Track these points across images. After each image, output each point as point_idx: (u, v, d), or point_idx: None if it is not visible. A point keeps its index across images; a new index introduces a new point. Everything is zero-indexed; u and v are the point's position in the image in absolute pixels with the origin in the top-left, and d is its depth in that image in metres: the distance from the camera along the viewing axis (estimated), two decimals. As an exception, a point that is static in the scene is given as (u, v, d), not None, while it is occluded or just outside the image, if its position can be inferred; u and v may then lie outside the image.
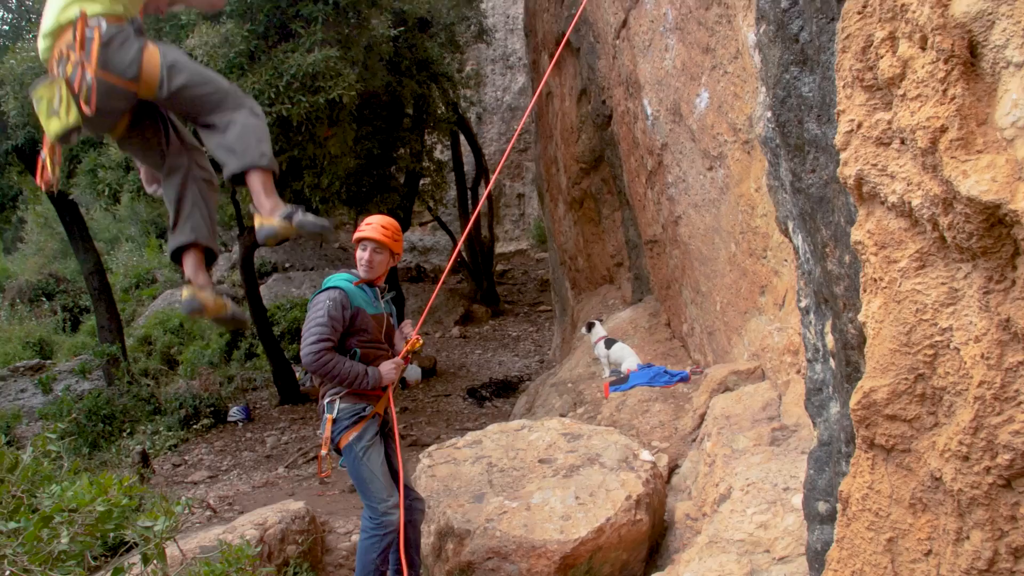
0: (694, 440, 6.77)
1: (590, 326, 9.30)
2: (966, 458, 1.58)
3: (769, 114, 3.29)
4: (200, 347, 16.94)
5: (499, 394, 13.39)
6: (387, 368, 4.77)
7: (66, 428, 9.20)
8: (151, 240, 24.35)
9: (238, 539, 4.96)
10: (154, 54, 3.49)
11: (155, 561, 2.33)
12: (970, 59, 1.51)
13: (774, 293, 6.34)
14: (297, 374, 14.24)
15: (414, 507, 4.90)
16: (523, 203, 26.05)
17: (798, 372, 5.83)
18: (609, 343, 8.87)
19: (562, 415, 8.44)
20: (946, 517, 1.66)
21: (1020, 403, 1.48)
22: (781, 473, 4.64)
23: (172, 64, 3.53)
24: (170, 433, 11.93)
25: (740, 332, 7.15)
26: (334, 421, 4.68)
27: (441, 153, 16.95)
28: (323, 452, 4.71)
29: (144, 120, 3.76)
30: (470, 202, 19.99)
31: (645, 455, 5.82)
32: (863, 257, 1.86)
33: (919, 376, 1.71)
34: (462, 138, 19.13)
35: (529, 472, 5.72)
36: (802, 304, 3.34)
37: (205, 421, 12.38)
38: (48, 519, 2.31)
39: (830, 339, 2.77)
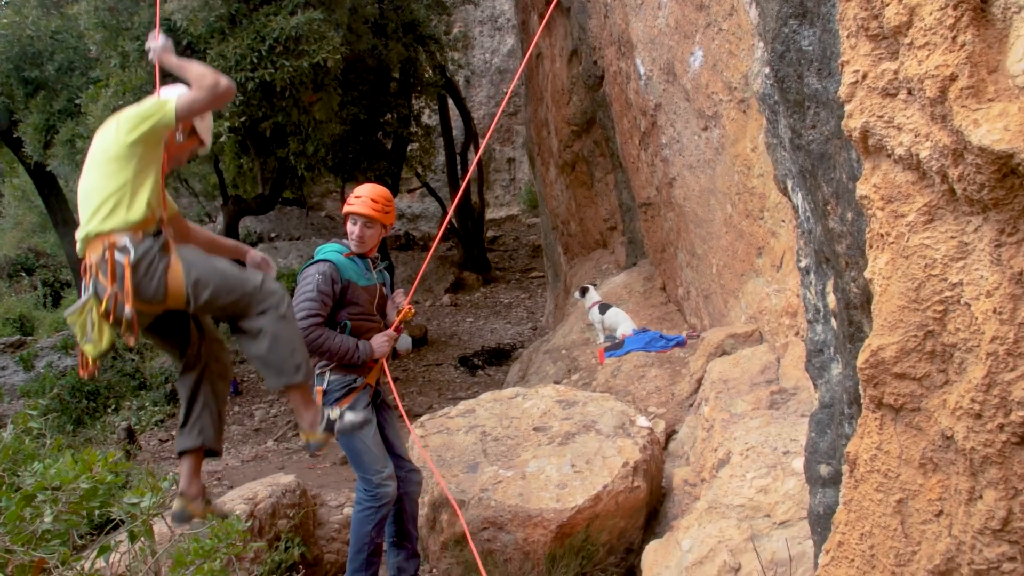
0: (691, 405, 6.69)
1: (584, 291, 9.18)
2: (979, 416, 1.51)
3: (767, 70, 3.15)
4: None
5: (491, 362, 13.30)
6: (378, 342, 4.67)
7: (48, 404, 9.08)
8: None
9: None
10: (178, 273, 3.58)
11: (142, 538, 2.24)
12: (980, 4, 1.43)
13: (771, 255, 6.23)
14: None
15: (411, 479, 4.81)
16: (513, 168, 25.84)
17: (797, 334, 5.74)
18: (603, 308, 8.77)
19: (556, 382, 8.35)
20: (958, 477, 1.60)
21: (1034, 359, 1.42)
22: (781, 437, 4.56)
23: (196, 280, 3.60)
24: (156, 408, 11.78)
25: (737, 295, 7.06)
26: (324, 392, 4.58)
27: (429, 118, 16.72)
28: None
29: (167, 316, 3.80)
30: (459, 167, 19.79)
31: (642, 421, 5.74)
32: (869, 212, 1.77)
33: (929, 333, 1.64)
34: (450, 102, 18.89)
35: (524, 440, 5.64)
36: (802, 264, 3.23)
37: (193, 395, 12.26)
38: (31, 497, 2.22)
39: (832, 299, 2.67)
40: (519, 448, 5.56)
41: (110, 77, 9.05)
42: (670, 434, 6.49)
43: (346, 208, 4.68)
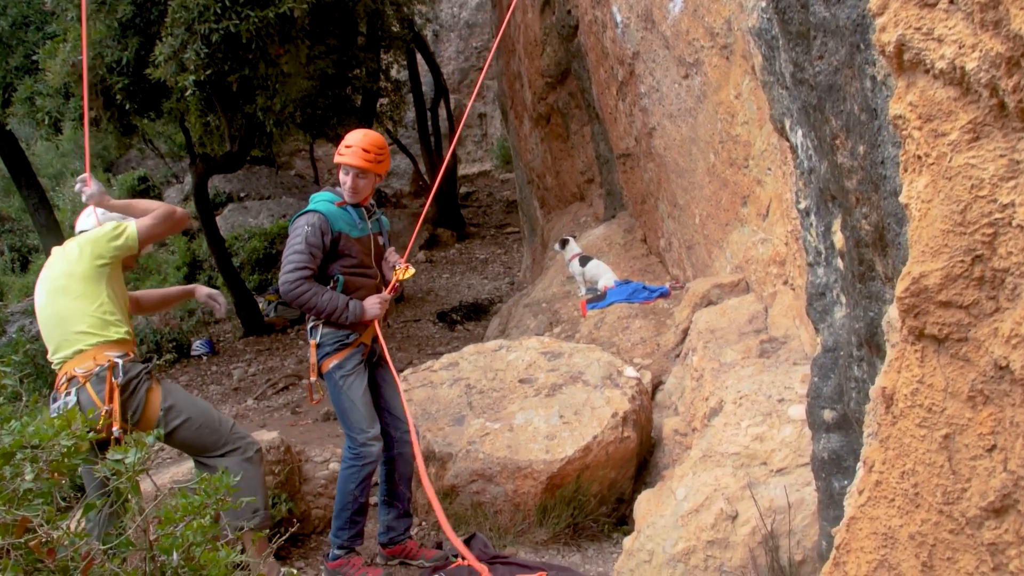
0: (677, 356, 6.66)
1: (564, 243, 9.08)
2: None
3: (764, 3, 3.05)
4: (157, 281, 16.53)
5: (470, 317, 13.22)
6: (371, 303, 4.54)
7: (22, 367, 8.90)
8: (98, 174, 23.53)
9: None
10: (156, 398, 3.88)
11: (129, 495, 2.15)
12: None
13: (757, 203, 6.16)
14: (261, 305, 13.95)
15: (405, 440, 4.71)
16: (485, 123, 25.57)
17: (785, 283, 5.70)
18: (584, 260, 8.69)
19: (538, 335, 8.30)
20: (1013, 409, 1.52)
21: (1099, 280, 1.34)
22: (775, 385, 4.53)
23: (171, 407, 3.89)
24: (133, 369, 11.62)
25: (721, 245, 7.00)
26: (318, 346, 4.50)
27: (398, 73, 16.43)
28: (312, 379, 4.56)
29: None
30: (429, 123, 19.51)
31: (630, 371, 5.70)
32: (904, 133, 1.67)
33: (977, 258, 1.55)
34: (419, 57, 18.57)
35: (510, 393, 5.59)
36: (801, 206, 3.16)
37: (168, 356, 12.07)
38: (9, 456, 2.11)
39: (838, 238, 2.60)
40: (505, 400, 5.51)
41: (67, 32, 8.78)
42: (656, 385, 6.46)
43: (337, 158, 4.54)
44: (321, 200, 4.55)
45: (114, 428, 3.61)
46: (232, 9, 7.11)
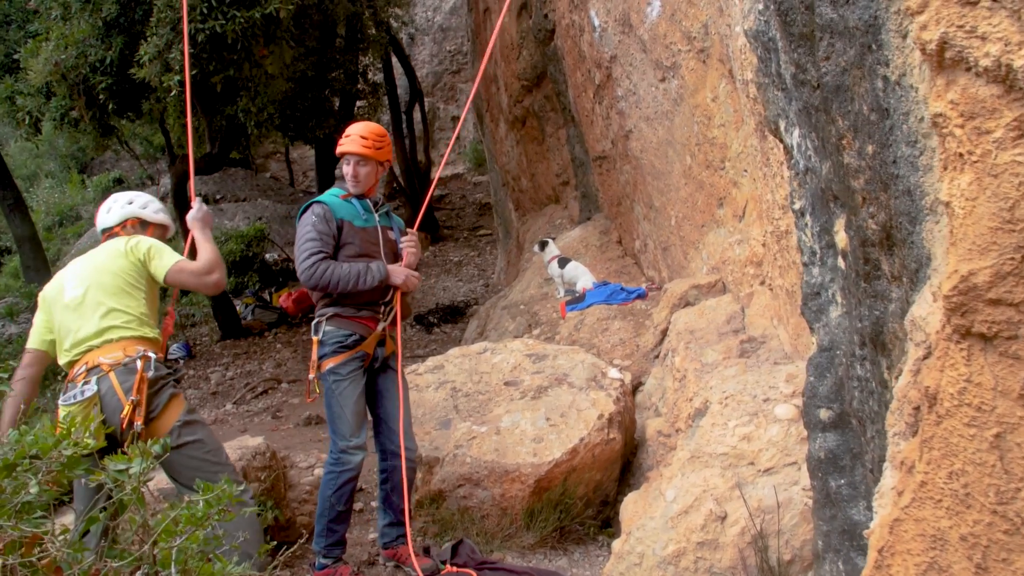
0: (656, 356, 6.70)
1: (543, 245, 9.10)
2: None
3: (761, 5, 3.09)
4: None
5: (447, 320, 13.21)
6: (396, 268, 4.53)
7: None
8: (73, 175, 23.21)
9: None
10: (177, 406, 3.76)
11: (134, 506, 2.11)
12: None
13: (733, 205, 6.21)
14: (238, 308, 13.84)
15: (398, 452, 4.65)
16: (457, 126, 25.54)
17: (762, 283, 5.75)
18: (563, 262, 8.71)
19: (517, 337, 8.30)
20: None
21: None
22: (759, 384, 4.56)
23: (188, 421, 3.78)
24: (110, 374, 11.47)
25: (697, 246, 7.05)
26: (320, 343, 4.47)
27: (374, 75, 16.40)
28: (311, 376, 4.50)
29: None
30: (404, 125, 19.47)
31: (613, 373, 5.73)
32: (944, 131, 1.68)
33: None
34: (394, 60, 18.52)
35: (495, 395, 5.59)
36: (796, 206, 3.19)
37: (144, 360, 11.96)
38: (11, 467, 2.07)
39: (841, 237, 2.62)
40: (491, 403, 5.51)
41: (50, 30, 8.67)
42: (636, 386, 6.49)
43: (339, 148, 4.57)
44: (326, 194, 4.61)
45: (136, 423, 3.54)
46: (218, 9, 7.07)
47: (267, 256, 17.28)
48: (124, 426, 3.53)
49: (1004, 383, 1.67)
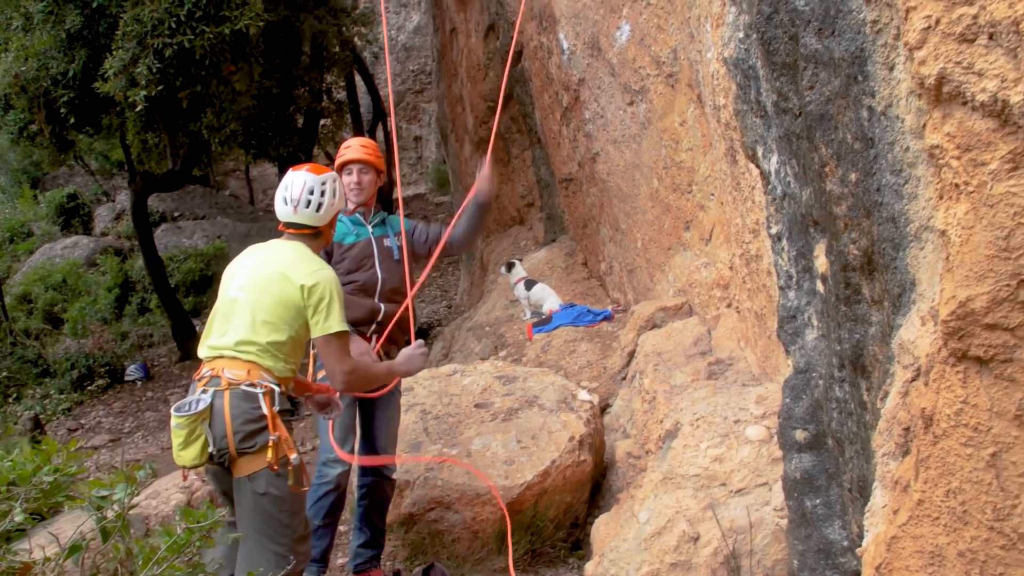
0: (624, 378, 6.72)
1: (509, 266, 9.10)
2: None
3: (742, 34, 3.14)
4: (87, 303, 16.05)
5: (411, 341, 13.10)
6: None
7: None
8: (24, 190, 22.75)
9: (163, 504, 4.67)
10: (282, 448, 3.46)
11: (117, 534, 2.05)
12: None
13: (700, 228, 6.28)
14: (198, 328, 13.65)
15: (380, 473, 4.64)
16: (420, 146, 25.54)
17: (729, 306, 5.81)
18: (529, 284, 8.72)
19: (482, 359, 8.29)
20: None
21: None
22: (729, 406, 4.60)
23: (278, 474, 3.46)
24: (62, 396, 11.27)
25: (663, 268, 7.11)
26: (315, 359, 4.45)
27: (337, 93, 16.36)
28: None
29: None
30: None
31: (583, 395, 5.74)
32: (941, 162, 1.75)
33: (1022, 282, 1.64)
34: (357, 79, 18.48)
35: (466, 418, 5.56)
36: (772, 231, 3.24)
37: (100, 382, 11.76)
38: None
39: (821, 262, 2.67)
40: (461, 426, 5.48)
41: (10, 41, 8.51)
42: (604, 407, 6.51)
43: (339, 160, 4.56)
44: None
45: (291, 456, 3.40)
46: (187, 24, 7.00)
47: (227, 275, 17.08)
48: (233, 451, 3.36)
49: (1000, 404, 1.74)
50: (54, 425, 10.23)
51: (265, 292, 3.54)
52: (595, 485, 5.56)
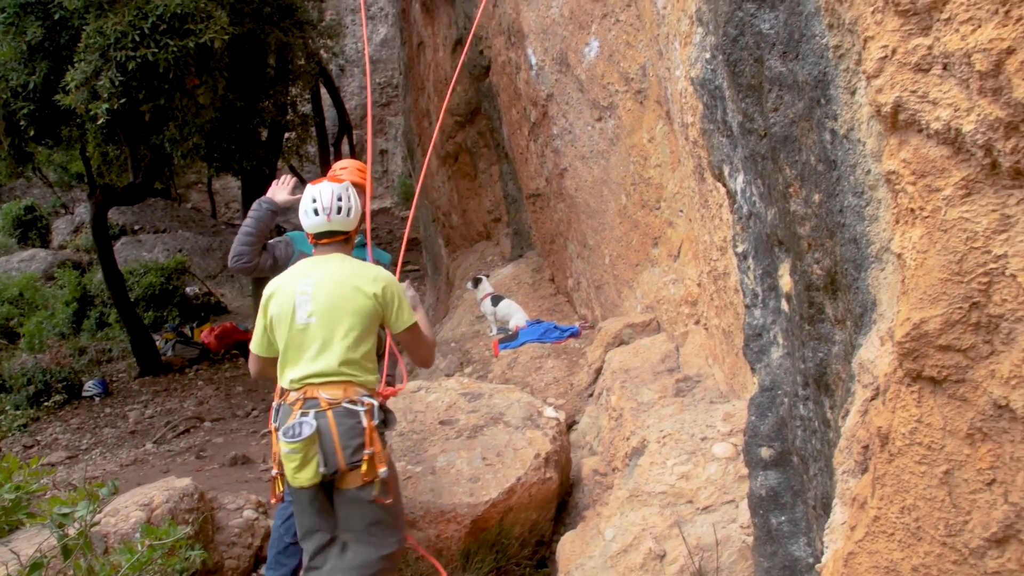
0: (591, 395, 6.71)
1: (476, 282, 9.08)
2: None
3: (708, 55, 3.16)
4: (44, 317, 15.76)
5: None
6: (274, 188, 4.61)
7: None
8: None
9: (122, 522, 4.57)
10: (383, 460, 3.66)
11: (79, 552, 2.00)
12: None
13: (668, 244, 6.30)
14: (158, 343, 13.47)
15: None
16: (386, 160, 25.50)
17: (697, 323, 5.83)
18: (496, 300, 8.70)
19: (448, 375, 8.24)
20: (1013, 445, 1.64)
21: (1098, 324, 1.48)
22: (696, 423, 4.61)
23: (392, 476, 3.71)
24: (18, 412, 11.03)
25: (631, 285, 7.12)
26: None
27: (303, 106, 16.30)
28: (275, 403, 4.42)
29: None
30: (332, 158, 19.33)
31: (549, 412, 5.71)
32: (897, 187, 1.79)
33: (974, 304, 1.67)
34: (323, 92, 18.42)
35: (431, 435, 5.51)
36: (739, 249, 3.25)
37: (57, 397, 11.54)
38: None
39: (786, 281, 2.68)
40: (426, 443, 5.43)
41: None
42: (570, 424, 6.49)
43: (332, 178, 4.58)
44: (295, 231, 4.63)
45: (380, 470, 3.55)
46: (151, 37, 6.91)
47: (188, 290, 16.91)
48: (343, 467, 3.53)
49: (952, 423, 1.77)
50: (9, 442, 10.01)
51: (342, 310, 3.65)
52: (561, 502, 5.53)
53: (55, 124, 9.23)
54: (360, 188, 4.58)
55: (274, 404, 3.78)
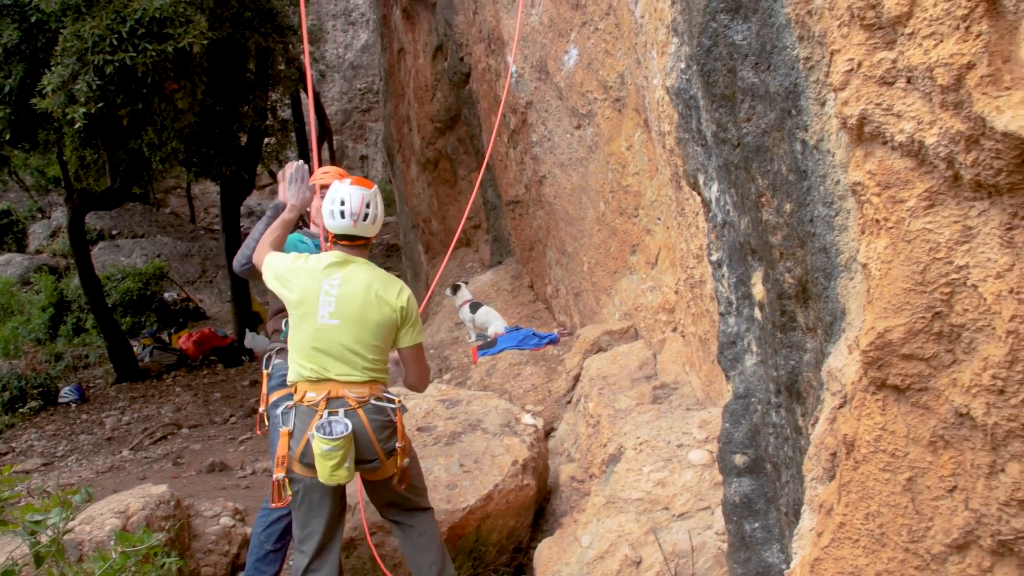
0: (569, 402, 6.73)
1: (455, 289, 9.08)
2: (1001, 392, 1.58)
3: (683, 65, 3.18)
4: (20, 322, 15.62)
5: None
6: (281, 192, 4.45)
7: None
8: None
9: (97, 530, 4.54)
10: (408, 449, 3.97)
11: (51, 559, 1.99)
12: None
13: (646, 252, 6.34)
14: (135, 349, 13.36)
15: None
16: (367, 165, 25.45)
17: (674, 330, 5.86)
18: (474, 307, 8.70)
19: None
20: (974, 452, 1.67)
21: (1055, 335, 1.51)
22: (673, 430, 4.63)
23: (408, 464, 3.98)
24: (-10, 418, 10.94)
25: (610, 292, 7.15)
26: (268, 377, 4.42)
27: (283, 112, 16.25)
28: (260, 409, 4.41)
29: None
30: (314, 164, 19.27)
31: (527, 419, 5.72)
32: (863, 198, 1.82)
33: (936, 314, 1.71)
34: (303, 97, 18.38)
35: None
36: (713, 258, 3.27)
37: (33, 404, 11.44)
38: None
39: (759, 290, 2.71)
40: (404, 449, 5.43)
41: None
42: (549, 431, 6.50)
43: (319, 182, 4.53)
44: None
45: (404, 460, 3.84)
46: (129, 41, 6.86)
47: (166, 295, 16.81)
48: (384, 459, 3.78)
49: (915, 431, 1.81)
50: (-17, 448, 9.91)
51: (367, 318, 3.73)
52: (539, 509, 5.55)
53: (32, 128, 9.16)
54: None
55: (283, 407, 3.80)
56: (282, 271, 3.81)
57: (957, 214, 1.60)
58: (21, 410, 11.25)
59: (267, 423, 4.41)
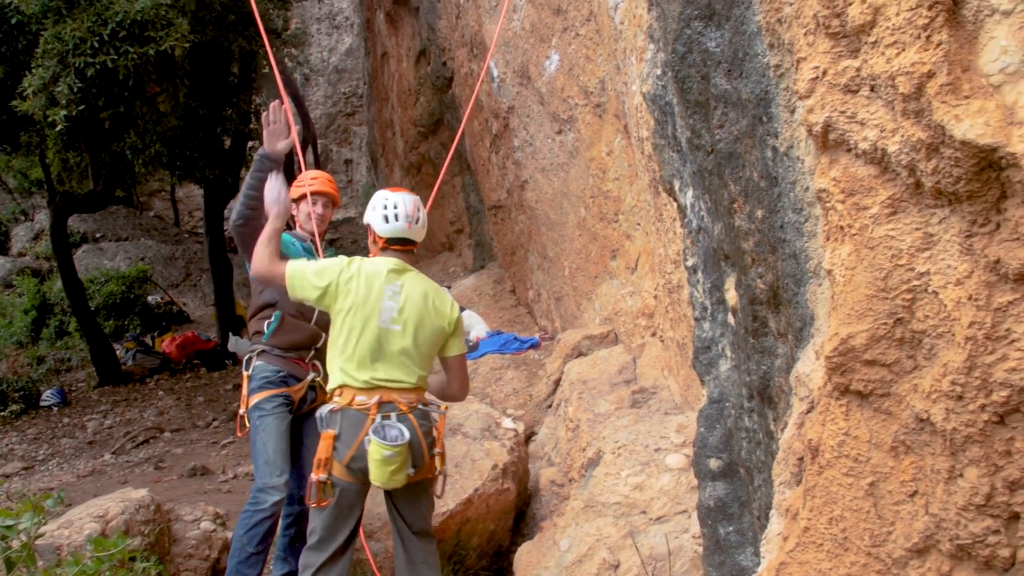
0: (549, 406, 6.75)
1: (437, 293, 9.07)
2: (959, 398, 1.60)
3: (659, 71, 3.21)
4: (1, 325, 15.50)
5: (337, 366, 12.96)
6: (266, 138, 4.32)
7: None
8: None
9: (76, 534, 4.52)
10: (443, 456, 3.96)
11: (22, 564, 1.98)
12: (952, 6, 1.52)
13: (626, 257, 6.37)
14: (118, 352, 13.28)
15: (298, 499, 4.56)
16: (351, 169, 25.41)
17: (653, 335, 5.89)
18: (457, 311, 8.70)
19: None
20: (934, 457, 1.69)
21: (1012, 341, 1.52)
22: (651, 434, 4.66)
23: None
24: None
25: (590, 297, 7.18)
26: (249, 379, 4.39)
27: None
28: (241, 411, 4.38)
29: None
30: (296, 167, 19.25)
31: (507, 423, 5.74)
32: (828, 205, 1.84)
33: (898, 320, 1.73)
34: (288, 101, 18.35)
35: (389, 445, 5.51)
36: (689, 263, 3.30)
37: (14, 407, 11.33)
38: None
39: (732, 295, 2.74)
40: (385, 453, 5.43)
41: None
42: (529, 435, 6.52)
43: (308, 190, 4.53)
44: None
45: (444, 466, 3.84)
46: (110, 44, 6.83)
47: (149, 298, 16.72)
48: (428, 458, 3.76)
49: (878, 436, 1.83)
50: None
51: (425, 326, 3.77)
52: (519, 513, 5.56)
53: (14, 130, 9.11)
54: (330, 198, 4.66)
55: (324, 409, 3.73)
56: (330, 279, 3.74)
57: (919, 221, 1.62)
58: (2, 413, 11.14)
59: (248, 425, 4.40)
